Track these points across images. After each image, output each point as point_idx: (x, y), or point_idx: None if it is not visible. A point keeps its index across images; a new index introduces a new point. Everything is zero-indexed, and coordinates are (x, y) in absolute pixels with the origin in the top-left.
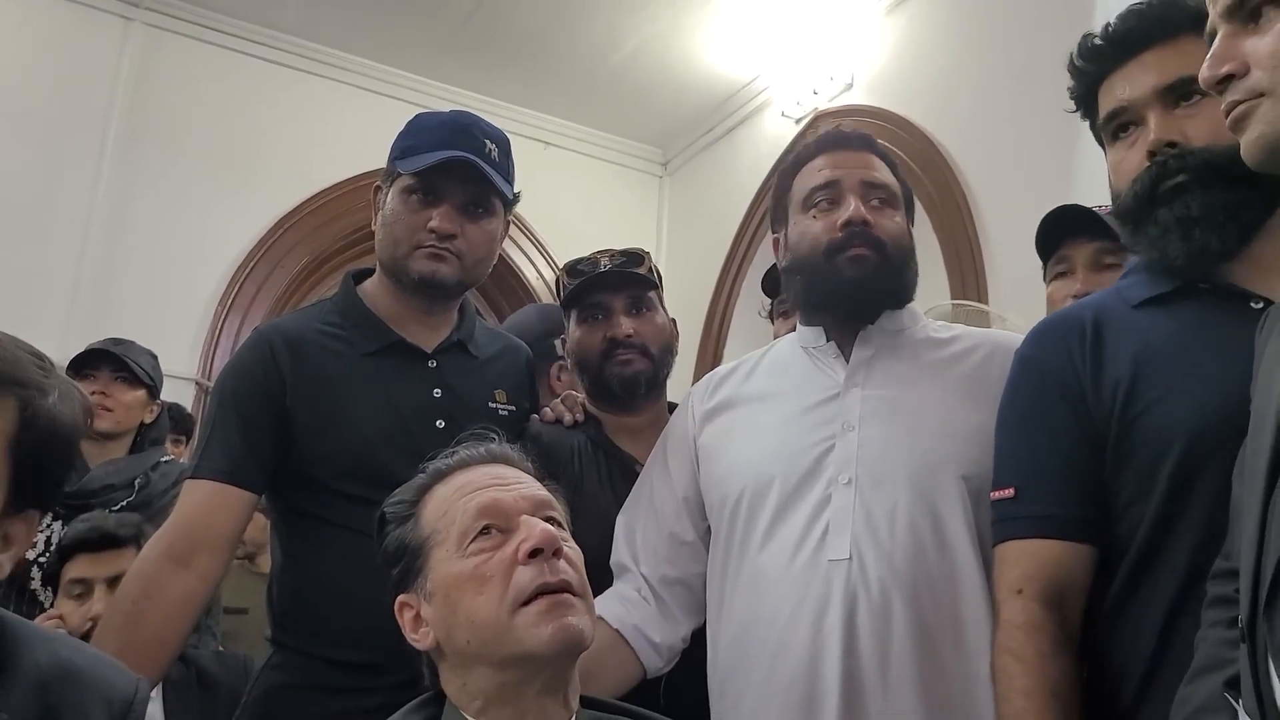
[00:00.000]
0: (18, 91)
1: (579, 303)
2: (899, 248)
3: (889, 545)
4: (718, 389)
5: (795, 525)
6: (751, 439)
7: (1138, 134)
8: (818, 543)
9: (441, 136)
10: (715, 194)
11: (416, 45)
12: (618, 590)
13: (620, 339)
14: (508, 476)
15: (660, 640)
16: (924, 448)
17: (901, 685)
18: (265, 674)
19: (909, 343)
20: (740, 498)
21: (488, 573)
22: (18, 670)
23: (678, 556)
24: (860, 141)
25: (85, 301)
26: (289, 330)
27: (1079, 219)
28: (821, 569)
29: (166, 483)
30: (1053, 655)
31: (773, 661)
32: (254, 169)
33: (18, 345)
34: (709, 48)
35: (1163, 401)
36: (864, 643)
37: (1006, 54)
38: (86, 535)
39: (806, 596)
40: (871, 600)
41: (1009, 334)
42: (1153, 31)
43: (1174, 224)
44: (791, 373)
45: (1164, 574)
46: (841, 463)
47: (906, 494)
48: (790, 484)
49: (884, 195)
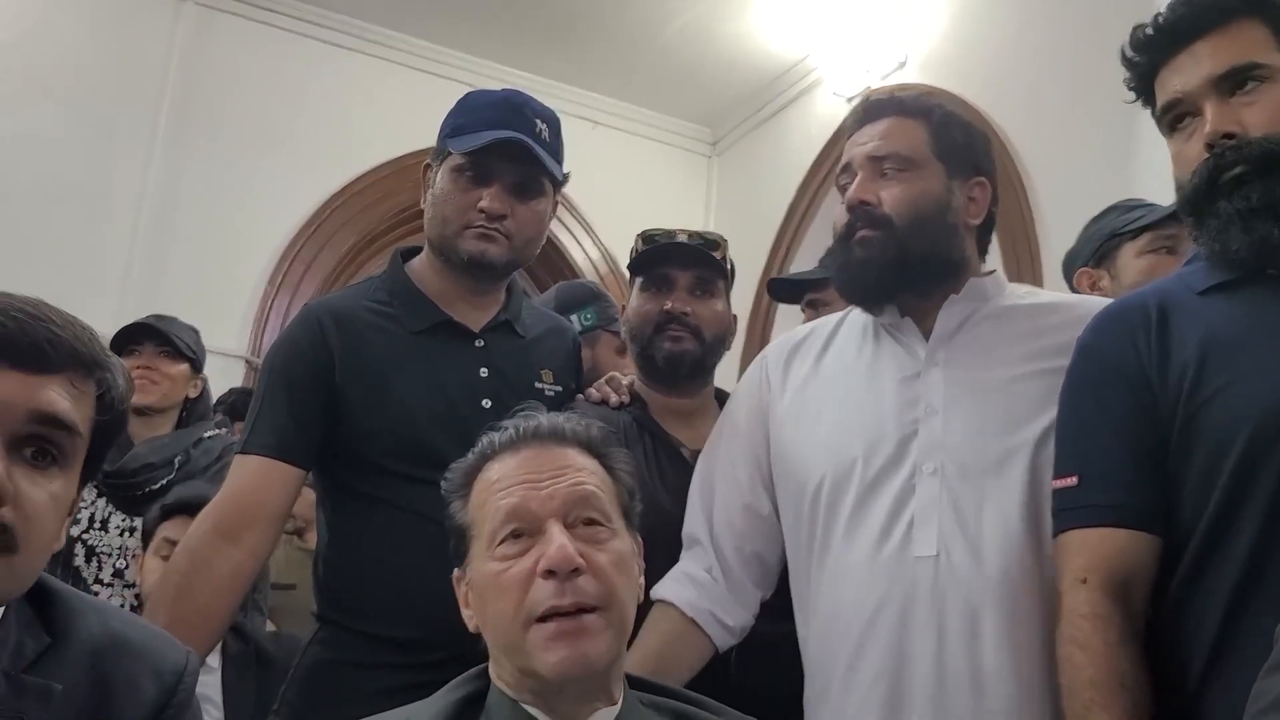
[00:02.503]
0: (73, 72)
1: (645, 270)
2: (912, 217)
3: (977, 541)
4: (792, 359)
5: (879, 516)
6: (830, 420)
7: (1195, 125)
8: (903, 536)
9: (493, 116)
10: (764, 174)
11: (465, 23)
12: (687, 571)
13: (676, 314)
14: (547, 466)
15: (733, 623)
16: (1011, 434)
17: (995, 684)
18: (311, 649)
19: (994, 314)
20: (821, 485)
21: (507, 582)
22: (71, 641)
23: (753, 530)
24: (882, 109)
25: (137, 280)
26: (338, 307)
27: None
28: (908, 565)
29: (209, 458)
30: (1120, 645)
31: (856, 657)
32: (303, 148)
33: (80, 324)
34: (759, 25)
35: (1229, 388)
36: (953, 643)
37: (1065, 31)
38: (192, 499)
39: (892, 594)
40: (960, 599)
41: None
42: (1203, 19)
43: (1234, 215)
44: (868, 349)
45: (1227, 562)
46: (925, 450)
47: (995, 486)
48: (872, 470)
49: (897, 163)
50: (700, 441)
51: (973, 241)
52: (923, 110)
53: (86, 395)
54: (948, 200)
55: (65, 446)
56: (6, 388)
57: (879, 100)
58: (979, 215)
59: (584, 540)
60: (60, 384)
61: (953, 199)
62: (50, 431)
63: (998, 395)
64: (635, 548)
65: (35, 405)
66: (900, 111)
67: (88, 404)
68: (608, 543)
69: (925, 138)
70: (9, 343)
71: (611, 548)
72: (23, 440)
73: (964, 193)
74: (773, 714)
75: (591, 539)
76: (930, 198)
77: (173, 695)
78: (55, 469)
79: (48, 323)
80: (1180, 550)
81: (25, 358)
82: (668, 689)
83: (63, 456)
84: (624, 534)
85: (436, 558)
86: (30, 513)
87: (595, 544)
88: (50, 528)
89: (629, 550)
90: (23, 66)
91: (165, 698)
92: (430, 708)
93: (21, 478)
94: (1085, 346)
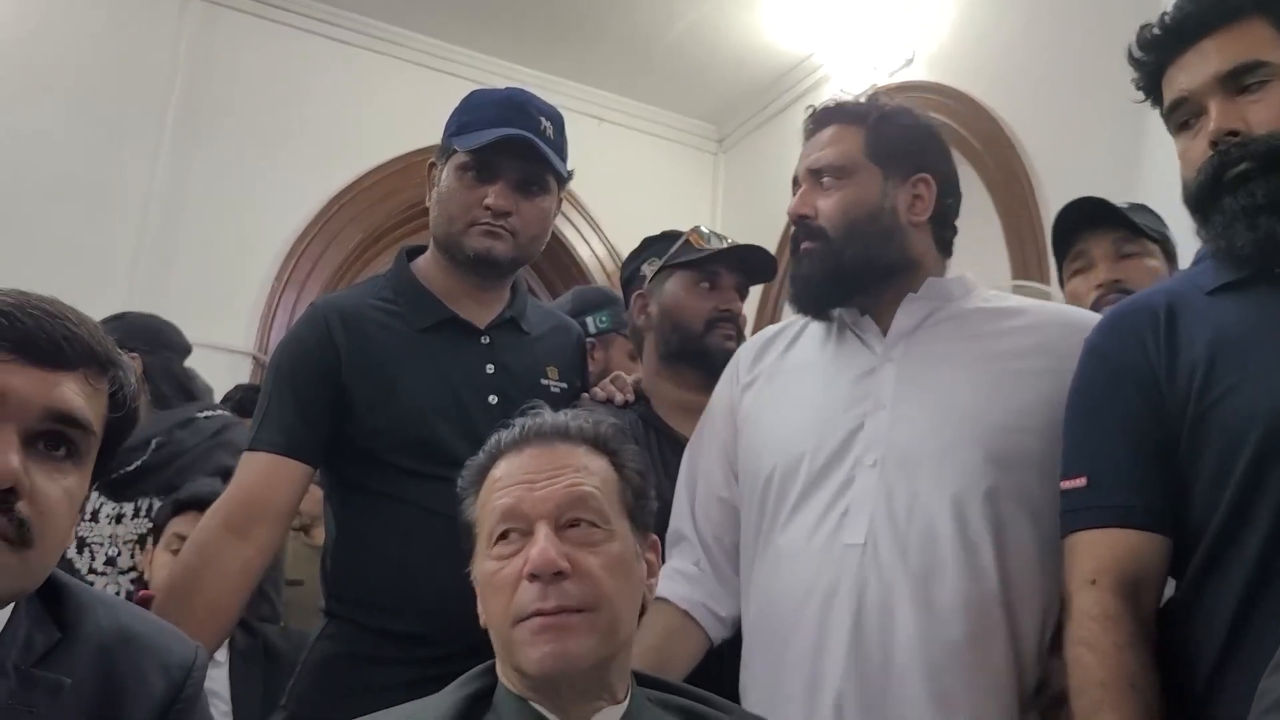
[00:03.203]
0: (79, 69)
1: (699, 265)
2: (844, 226)
3: (905, 532)
4: (761, 356)
5: (817, 506)
6: (785, 416)
7: (1201, 123)
8: (836, 525)
9: (497, 114)
10: (770, 172)
11: (472, 21)
12: (677, 567)
13: (734, 314)
14: (547, 466)
15: (725, 614)
16: (953, 429)
17: (907, 676)
18: (319, 644)
19: (955, 315)
20: (771, 476)
21: (499, 583)
22: (80, 635)
23: (729, 522)
24: (825, 118)
25: (145, 276)
26: (344, 305)
27: (1096, 211)
28: (836, 552)
29: (199, 437)
30: (1129, 646)
31: (785, 642)
32: (310, 145)
33: (93, 322)
34: (766, 22)
35: (1239, 388)
36: (870, 631)
37: (1072, 28)
38: (202, 495)
39: (819, 580)
40: (882, 588)
41: (1081, 312)
42: (1210, 17)
43: (1239, 212)
44: (830, 345)
45: (1237, 563)
46: (869, 443)
47: (930, 480)
48: (818, 463)
49: (832, 173)
50: None
51: (924, 238)
52: (860, 115)
53: (100, 392)
54: (881, 204)
55: (80, 443)
56: (24, 384)
57: (824, 109)
58: (924, 212)
59: (575, 543)
60: (76, 381)
61: (888, 201)
62: (66, 428)
63: (947, 392)
64: (640, 548)
65: (52, 402)
66: (839, 119)
67: (101, 401)
68: (601, 545)
69: (860, 143)
70: (27, 339)
71: (605, 550)
72: (38, 436)
73: (906, 192)
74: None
75: (583, 541)
76: (863, 205)
77: (181, 690)
78: (70, 464)
79: (64, 320)
80: (1189, 551)
81: (42, 354)
82: (675, 686)
83: (77, 453)
84: (624, 535)
85: (443, 553)
86: (46, 508)
87: (587, 546)
88: (64, 523)
89: (627, 552)
90: (30, 64)
91: (174, 692)
92: (439, 704)
93: (37, 472)
94: (1093, 347)
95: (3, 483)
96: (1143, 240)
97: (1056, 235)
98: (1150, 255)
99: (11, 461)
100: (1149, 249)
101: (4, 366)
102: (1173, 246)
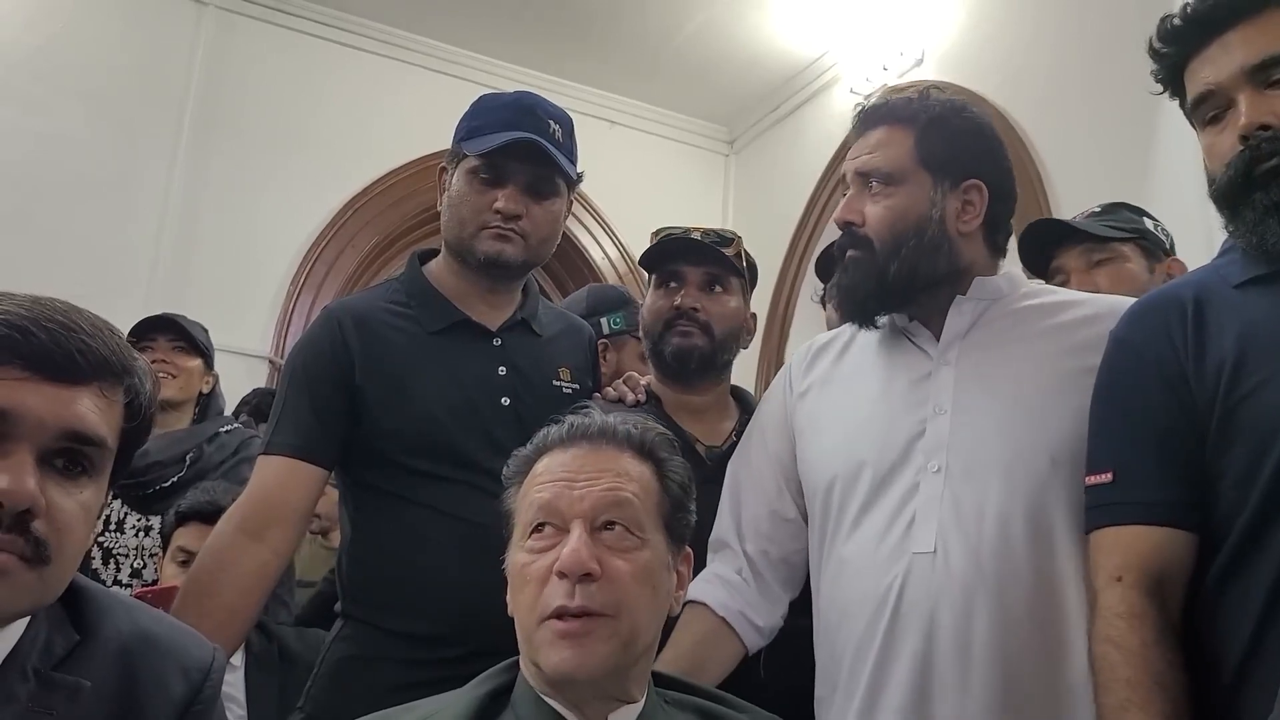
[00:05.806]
0: (98, 74)
1: (657, 267)
2: (890, 238)
3: (976, 540)
4: (814, 363)
5: (882, 514)
6: (843, 423)
7: (1229, 117)
8: (903, 533)
9: (506, 117)
10: (782, 173)
11: (482, 25)
12: (718, 573)
13: (685, 310)
14: (589, 466)
15: (763, 624)
16: (1019, 433)
17: (983, 688)
18: (335, 645)
19: (1006, 313)
20: (832, 485)
21: (530, 576)
22: (100, 638)
23: (779, 534)
24: (875, 117)
25: (162, 280)
26: (357, 309)
27: (1059, 230)
28: (904, 561)
29: (225, 453)
30: (1156, 644)
31: (855, 653)
32: (325, 149)
33: (107, 328)
34: (776, 23)
35: (1269, 383)
36: (943, 642)
37: (1083, 26)
38: (201, 506)
39: (888, 589)
40: (954, 597)
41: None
42: (1235, 7)
43: (1271, 207)
44: (884, 350)
45: (1265, 560)
46: (931, 449)
47: (998, 485)
48: (881, 471)
49: (880, 179)
50: (714, 437)
51: (973, 245)
52: (911, 116)
53: (115, 404)
54: (929, 214)
55: (95, 458)
56: (38, 402)
57: (874, 107)
58: (974, 220)
59: (607, 546)
60: (91, 395)
61: (936, 211)
62: (81, 446)
63: (1009, 395)
64: (673, 560)
65: (66, 422)
66: (890, 119)
67: (116, 412)
68: (632, 552)
69: (910, 147)
70: (42, 355)
71: (636, 558)
72: (54, 454)
73: (956, 199)
74: (800, 709)
75: (616, 546)
76: (910, 215)
77: (199, 691)
78: (85, 478)
79: (78, 332)
80: (1217, 546)
81: (58, 369)
82: (691, 686)
83: (92, 467)
84: (657, 545)
85: (459, 554)
86: (62, 524)
87: (618, 552)
88: (81, 536)
89: (657, 562)
90: (49, 69)
91: (192, 694)
92: (458, 700)
93: (53, 489)
94: (1120, 340)
95: (20, 505)
96: (1112, 245)
97: (1027, 257)
98: (1124, 258)
99: (28, 484)
100: (1121, 251)
101: (19, 385)
102: (1158, 237)
